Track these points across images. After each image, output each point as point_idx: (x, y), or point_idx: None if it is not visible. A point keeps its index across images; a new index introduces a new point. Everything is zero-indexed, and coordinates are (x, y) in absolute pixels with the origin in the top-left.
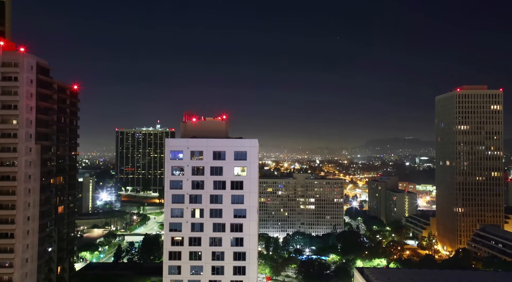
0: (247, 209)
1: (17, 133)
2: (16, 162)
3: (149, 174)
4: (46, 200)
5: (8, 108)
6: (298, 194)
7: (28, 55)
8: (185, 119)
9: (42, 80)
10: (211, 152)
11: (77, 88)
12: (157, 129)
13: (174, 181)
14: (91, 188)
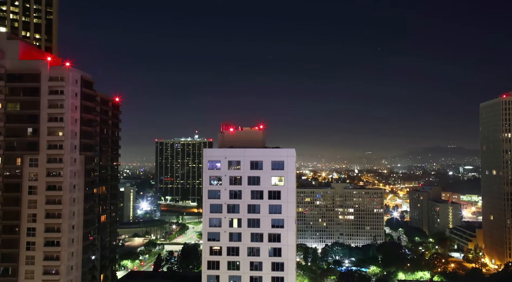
0: (284, 219)
1: (63, 145)
2: (62, 172)
3: (187, 184)
4: (90, 209)
5: (54, 120)
6: (336, 204)
7: (73, 70)
8: (223, 129)
9: (86, 93)
10: (249, 161)
11: (119, 100)
12: (195, 139)
13: (212, 191)
14: (132, 197)
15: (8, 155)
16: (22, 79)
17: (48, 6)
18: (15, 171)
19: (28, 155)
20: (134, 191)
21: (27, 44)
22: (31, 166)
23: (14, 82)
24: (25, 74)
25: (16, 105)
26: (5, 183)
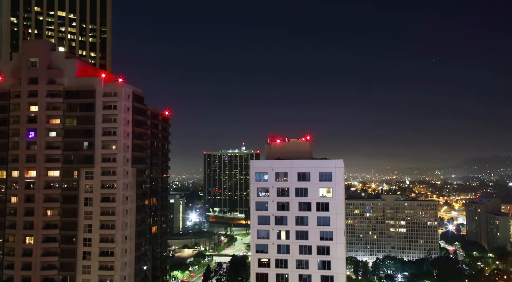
0: (333, 231)
1: (116, 158)
2: (115, 184)
3: (235, 195)
4: (141, 220)
5: (108, 134)
6: (387, 216)
7: (125, 85)
8: (269, 141)
9: (137, 107)
10: (296, 173)
11: (169, 113)
12: (243, 151)
13: (260, 202)
14: (181, 209)
15: (66, 168)
16: (78, 95)
17: (103, 26)
18: (72, 183)
19: (84, 167)
20: (183, 203)
21: (83, 62)
22: (87, 178)
23: (72, 98)
24: (81, 91)
25: (73, 121)
26: (64, 195)
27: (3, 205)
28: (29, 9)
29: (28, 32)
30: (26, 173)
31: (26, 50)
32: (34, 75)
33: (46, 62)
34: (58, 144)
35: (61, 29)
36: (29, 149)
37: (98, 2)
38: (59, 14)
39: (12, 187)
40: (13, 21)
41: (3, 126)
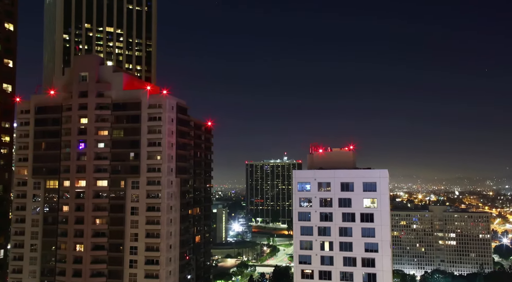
0: (379, 243)
1: (161, 168)
2: (160, 194)
3: (277, 206)
4: (185, 229)
5: (153, 145)
6: (435, 228)
7: (169, 97)
8: (312, 150)
9: (181, 118)
10: (339, 183)
11: (211, 124)
12: (285, 161)
13: (302, 213)
14: (224, 218)
15: (113, 178)
16: (125, 108)
17: (148, 40)
18: (119, 192)
19: (130, 177)
20: (226, 213)
21: (130, 75)
22: (133, 188)
23: (119, 111)
24: (128, 103)
25: (120, 132)
26: (111, 204)
27: (55, 213)
28: (80, 26)
29: (79, 48)
30: (76, 182)
31: (77, 65)
32: (84, 89)
33: (95, 76)
34: (106, 154)
35: (109, 44)
36: (79, 160)
37: (143, 18)
38: (108, 29)
39: (64, 196)
40: (65, 37)
41: (56, 138)
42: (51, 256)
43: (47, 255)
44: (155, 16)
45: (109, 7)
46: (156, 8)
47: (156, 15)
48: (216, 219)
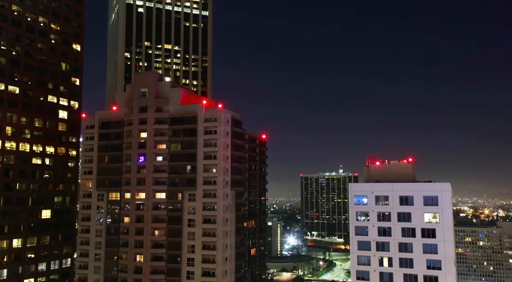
0: (442, 260)
1: (216, 181)
2: (216, 206)
3: (333, 219)
4: (241, 242)
5: (209, 158)
6: (505, 246)
7: (224, 111)
8: (368, 163)
9: (236, 132)
10: (397, 196)
11: (266, 137)
12: (340, 174)
13: (359, 227)
14: (279, 232)
15: (171, 191)
16: (182, 122)
17: (204, 55)
18: (177, 205)
19: (187, 190)
20: (281, 226)
21: (186, 90)
22: (189, 200)
23: (176, 125)
24: (185, 117)
25: (178, 146)
26: (169, 216)
27: (117, 224)
28: (140, 44)
29: (139, 65)
30: (136, 194)
31: (137, 82)
32: (144, 104)
33: (154, 92)
34: (164, 167)
35: (167, 60)
36: (139, 173)
37: (199, 34)
38: (166, 47)
39: (125, 207)
40: (126, 56)
41: (118, 152)
42: (113, 265)
43: (109, 265)
44: (211, 32)
45: (167, 26)
46: (212, 25)
47: (211, 31)
48: (271, 232)
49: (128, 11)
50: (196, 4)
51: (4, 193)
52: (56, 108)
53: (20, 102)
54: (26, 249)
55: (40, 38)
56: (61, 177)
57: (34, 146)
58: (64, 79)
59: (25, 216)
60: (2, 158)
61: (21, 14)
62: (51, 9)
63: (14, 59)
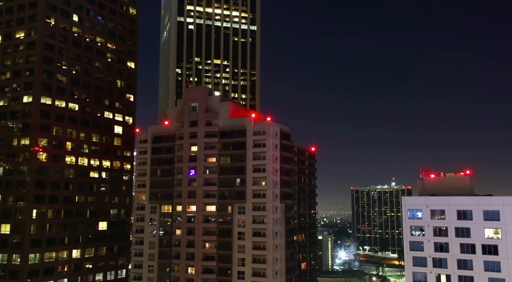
0: (506, 279)
1: (266, 194)
2: (265, 219)
3: (386, 234)
4: (291, 256)
5: (258, 171)
6: None
7: (273, 124)
8: (422, 176)
9: (284, 144)
10: (455, 210)
11: (315, 150)
12: (393, 187)
13: (414, 242)
14: (329, 246)
15: (221, 203)
16: (231, 135)
17: (252, 69)
18: (227, 218)
19: (237, 203)
20: (332, 240)
21: (235, 104)
22: (239, 213)
23: (225, 138)
24: (234, 130)
25: (227, 159)
26: (219, 229)
27: (169, 236)
28: (190, 60)
29: (190, 80)
30: (188, 207)
31: (188, 96)
32: (194, 119)
33: (204, 106)
34: (214, 180)
35: (216, 75)
36: (190, 186)
37: (248, 50)
38: (215, 62)
39: (177, 220)
40: (177, 71)
41: (170, 165)
42: (166, 277)
43: (162, 276)
44: (259, 46)
45: (217, 41)
46: (260, 39)
47: (259, 46)
48: (322, 246)
49: (179, 28)
50: (244, 19)
51: (65, 205)
52: (111, 124)
53: (79, 119)
54: (84, 260)
55: (97, 57)
56: (116, 190)
57: (91, 160)
58: (119, 95)
59: (83, 227)
60: (63, 171)
61: (81, 35)
62: (107, 29)
63: (74, 78)
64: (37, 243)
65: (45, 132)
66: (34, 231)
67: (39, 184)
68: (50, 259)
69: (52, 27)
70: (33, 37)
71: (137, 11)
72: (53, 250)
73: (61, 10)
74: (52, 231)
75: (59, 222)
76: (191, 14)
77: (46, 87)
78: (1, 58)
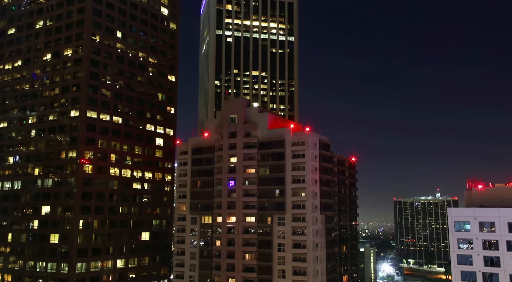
0: None
1: (305, 205)
2: (305, 231)
3: (431, 246)
4: (332, 268)
5: (297, 182)
6: None
7: (312, 134)
8: (469, 186)
9: (324, 155)
10: (506, 223)
11: (355, 160)
12: (437, 198)
13: (462, 256)
14: (372, 258)
15: (261, 214)
16: (270, 146)
17: (290, 80)
18: (266, 229)
19: (276, 214)
20: (374, 252)
21: (273, 114)
22: (279, 225)
23: (264, 149)
24: (272, 141)
25: (266, 170)
26: (259, 240)
27: (209, 247)
28: (229, 72)
29: (228, 92)
30: (227, 218)
31: (227, 108)
32: (233, 130)
33: (243, 118)
34: (254, 191)
35: (255, 86)
36: (229, 197)
37: (286, 60)
38: (253, 73)
39: (217, 231)
40: (216, 84)
41: (209, 177)
42: None
43: None
44: (297, 57)
45: (255, 53)
46: (297, 50)
47: (297, 56)
48: (364, 259)
49: (218, 41)
50: (282, 30)
51: (109, 216)
52: (153, 136)
53: (122, 131)
54: (128, 269)
55: (139, 72)
56: (158, 201)
57: (134, 171)
58: (160, 108)
59: (127, 237)
60: (107, 183)
61: (124, 50)
62: (149, 44)
63: (117, 92)
64: (84, 252)
65: (91, 145)
66: (81, 241)
67: (85, 195)
68: (95, 268)
69: (97, 44)
70: (80, 54)
71: (177, 26)
72: (99, 259)
73: (105, 27)
74: (98, 241)
75: (104, 232)
76: (230, 27)
77: (91, 101)
78: (50, 74)
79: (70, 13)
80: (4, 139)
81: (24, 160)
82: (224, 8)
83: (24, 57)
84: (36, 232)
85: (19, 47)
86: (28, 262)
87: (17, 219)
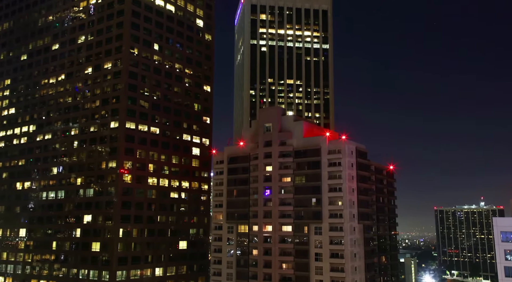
0: None
1: (342, 214)
2: (343, 240)
3: (476, 257)
4: (371, 279)
5: (334, 191)
6: None
7: (348, 142)
8: None
9: (361, 163)
10: None
11: (393, 168)
12: (481, 207)
13: (510, 268)
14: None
15: (297, 224)
16: (306, 154)
17: (325, 88)
18: (303, 238)
19: (313, 223)
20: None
21: (309, 123)
22: (315, 234)
23: (300, 157)
24: (308, 150)
25: (302, 178)
26: (296, 250)
27: (246, 256)
28: (264, 81)
29: (263, 101)
30: (264, 227)
31: (262, 117)
32: (268, 139)
33: (278, 126)
34: (290, 200)
35: (289, 95)
36: (265, 206)
37: (321, 68)
38: (288, 82)
39: (253, 240)
40: (251, 93)
41: (245, 186)
42: None
43: None
44: (331, 64)
45: (289, 61)
46: (332, 57)
47: (332, 64)
48: (404, 270)
49: (253, 51)
50: (316, 38)
51: (148, 225)
52: (190, 146)
53: (160, 142)
54: (166, 278)
55: (176, 83)
56: (195, 210)
57: (171, 181)
58: (196, 118)
59: (165, 246)
60: (146, 192)
61: (161, 62)
62: (185, 56)
63: (155, 103)
64: (124, 260)
65: (130, 155)
66: (121, 249)
67: (125, 204)
68: (135, 277)
69: (135, 57)
70: (119, 67)
71: (212, 37)
72: (138, 267)
73: (143, 40)
74: (137, 250)
75: (143, 241)
76: (264, 37)
77: (130, 113)
78: (91, 87)
79: (110, 27)
80: (49, 150)
81: (67, 170)
82: (258, 18)
83: (67, 71)
84: (78, 240)
85: (62, 62)
86: (72, 270)
87: (60, 228)
